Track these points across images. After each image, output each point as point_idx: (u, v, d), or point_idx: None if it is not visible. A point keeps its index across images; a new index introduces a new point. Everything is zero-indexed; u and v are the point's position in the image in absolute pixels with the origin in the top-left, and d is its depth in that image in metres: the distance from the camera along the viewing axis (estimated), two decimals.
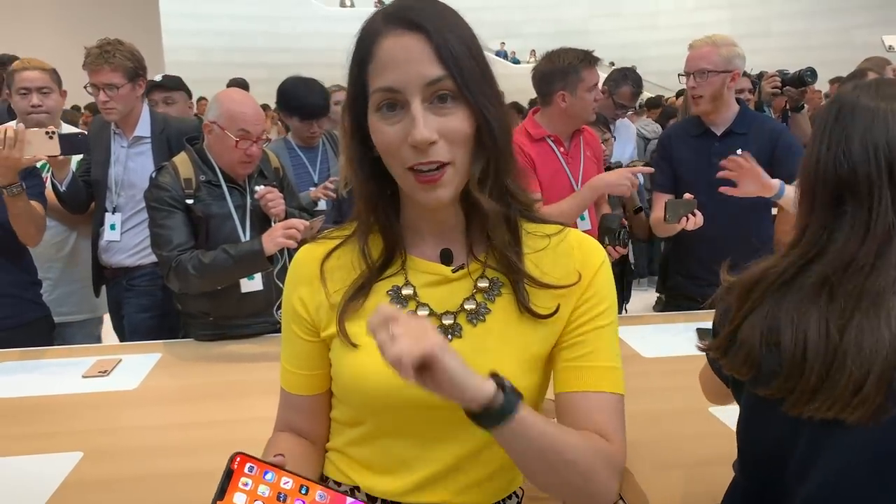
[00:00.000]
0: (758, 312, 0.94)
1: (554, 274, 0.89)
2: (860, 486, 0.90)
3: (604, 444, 0.84)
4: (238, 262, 2.00)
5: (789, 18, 17.90)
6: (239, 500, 0.70)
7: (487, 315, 0.87)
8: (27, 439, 1.62)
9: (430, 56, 0.78)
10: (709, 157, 2.38)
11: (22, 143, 2.01)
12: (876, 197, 0.89)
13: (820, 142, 0.96)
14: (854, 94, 0.95)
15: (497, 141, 0.82)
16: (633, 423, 1.62)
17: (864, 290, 0.86)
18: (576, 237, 0.93)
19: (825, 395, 0.86)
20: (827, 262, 0.91)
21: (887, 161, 0.89)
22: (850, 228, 0.90)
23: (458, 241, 0.90)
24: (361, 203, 0.88)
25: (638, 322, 2.41)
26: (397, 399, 0.84)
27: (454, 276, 0.89)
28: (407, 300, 0.88)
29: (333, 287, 0.90)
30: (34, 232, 2.25)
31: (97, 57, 2.48)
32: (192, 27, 16.99)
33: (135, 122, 2.61)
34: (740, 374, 0.97)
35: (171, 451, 1.57)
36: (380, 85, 0.79)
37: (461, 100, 0.79)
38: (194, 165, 2.14)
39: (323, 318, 0.91)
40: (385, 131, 0.80)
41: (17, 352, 2.16)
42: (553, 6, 20.27)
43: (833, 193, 0.93)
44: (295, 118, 2.86)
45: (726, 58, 2.37)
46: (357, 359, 0.87)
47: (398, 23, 0.79)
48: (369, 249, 0.90)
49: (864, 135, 0.91)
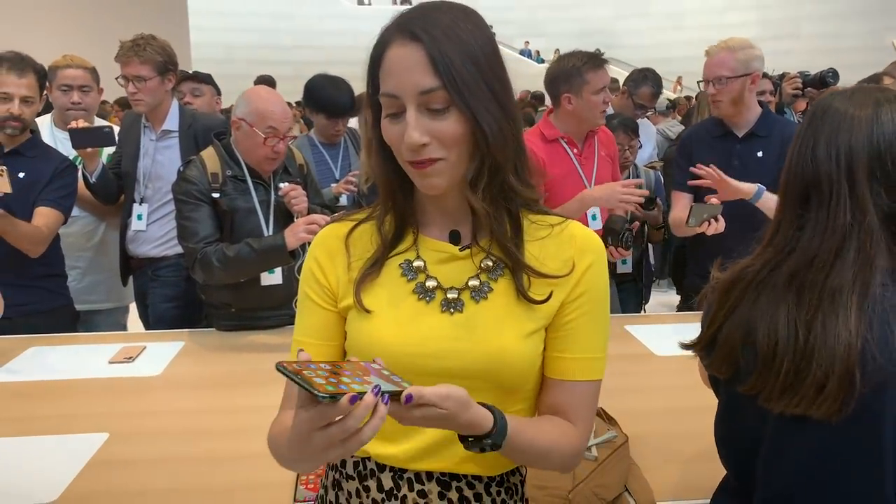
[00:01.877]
0: (737, 312, 0.98)
1: (551, 261, 0.94)
2: (823, 480, 0.93)
3: (569, 429, 0.94)
4: (261, 256, 2.06)
5: (819, 20, 17.64)
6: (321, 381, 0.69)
7: (490, 293, 0.93)
8: (56, 420, 1.69)
9: (425, 66, 0.83)
10: (730, 159, 2.39)
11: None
12: (835, 197, 0.93)
13: (795, 143, 1.00)
14: (829, 98, 0.99)
15: (491, 143, 0.86)
16: (643, 419, 1.66)
17: (825, 288, 0.90)
18: (577, 229, 0.98)
19: (793, 392, 0.90)
20: (795, 259, 0.95)
21: (847, 164, 0.93)
22: (814, 227, 0.94)
23: (465, 224, 0.96)
24: (381, 183, 0.96)
25: (654, 321, 2.42)
26: (403, 362, 0.89)
27: (461, 254, 0.95)
28: (417, 272, 0.95)
29: (354, 260, 0.97)
30: (29, 247, 2.27)
31: (128, 50, 2.56)
32: (219, 24, 17.22)
33: (164, 116, 2.68)
34: (720, 372, 1.01)
35: (192, 435, 1.63)
36: (384, 90, 0.87)
37: (455, 105, 0.84)
38: (221, 160, 2.20)
39: (342, 289, 0.97)
40: (389, 130, 0.88)
41: (47, 337, 2.24)
42: (578, 5, 20.20)
43: (801, 193, 0.97)
44: (322, 115, 2.91)
45: (744, 61, 2.36)
46: (367, 327, 0.93)
47: (402, 32, 0.85)
48: (385, 228, 0.97)
49: (830, 138, 0.95)
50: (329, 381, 0.70)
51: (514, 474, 1.02)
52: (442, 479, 0.95)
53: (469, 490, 0.96)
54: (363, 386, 0.71)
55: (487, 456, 0.92)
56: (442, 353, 0.90)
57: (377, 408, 0.70)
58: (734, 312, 0.98)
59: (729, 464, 1.10)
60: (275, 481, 1.37)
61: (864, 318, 0.88)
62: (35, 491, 1.35)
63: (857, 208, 0.92)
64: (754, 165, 2.36)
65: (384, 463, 0.97)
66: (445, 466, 0.95)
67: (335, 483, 1.02)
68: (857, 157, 0.93)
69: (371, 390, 0.70)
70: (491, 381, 0.91)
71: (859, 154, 0.93)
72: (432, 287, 0.93)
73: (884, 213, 0.92)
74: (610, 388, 1.78)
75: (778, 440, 0.96)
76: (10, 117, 2.30)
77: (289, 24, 18.50)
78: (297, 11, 18.79)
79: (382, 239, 0.96)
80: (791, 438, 0.95)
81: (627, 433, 1.50)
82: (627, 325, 2.35)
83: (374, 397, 0.70)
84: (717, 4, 18.99)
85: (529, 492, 1.20)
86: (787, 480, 0.96)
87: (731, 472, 1.10)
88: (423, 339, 0.91)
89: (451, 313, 0.92)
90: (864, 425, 0.89)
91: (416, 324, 0.92)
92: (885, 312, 0.89)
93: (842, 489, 0.93)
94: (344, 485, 1.01)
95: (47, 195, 2.33)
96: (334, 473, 1.03)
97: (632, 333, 2.27)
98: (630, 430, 1.52)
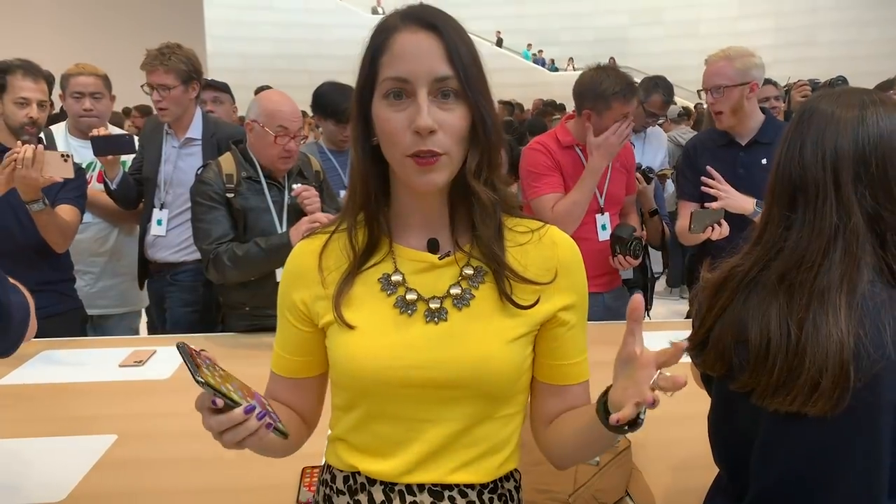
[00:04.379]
0: (729, 312, 0.98)
1: (534, 267, 0.94)
2: (818, 475, 0.94)
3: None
4: (269, 254, 2.11)
5: (836, 28, 17.52)
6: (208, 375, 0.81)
7: (472, 300, 0.93)
8: (66, 421, 1.71)
9: (441, 55, 0.85)
10: (734, 168, 2.37)
11: (40, 163, 2.11)
12: (821, 199, 0.94)
13: (782, 144, 1.00)
14: (817, 100, 1.00)
15: (490, 137, 0.89)
16: (646, 425, 1.64)
17: (815, 287, 0.91)
18: (557, 235, 0.98)
19: (787, 390, 0.90)
20: (783, 259, 0.95)
21: (833, 166, 0.94)
22: (801, 228, 0.95)
23: (443, 232, 0.95)
24: (360, 186, 0.94)
25: (659, 328, 2.41)
26: (386, 377, 0.90)
27: (441, 263, 0.94)
28: (396, 286, 0.94)
29: (330, 276, 0.96)
30: (60, 241, 2.35)
31: (153, 59, 2.60)
32: (235, 34, 17.39)
33: (187, 124, 2.72)
34: (713, 371, 1.01)
35: (199, 437, 1.61)
36: (391, 74, 0.86)
37: (462, 98, 0.86)
38: (237, 163, 2.26)
39: (320, 309, 0.96)
40: (390, 118, 0.86)
41: (58, 341, 2.27)
42: (592, 14, 20.19)
43: (789, 194, 0.97)
44: (330, 122, 2.94)
45: (742, 70, 2.33)
46: (350, 341, 0.92)
47: (415, 21, 0.87)
48: (357, 238, 0.96)
49: (816, 139, 0.95)
50: (216, 377, 0.80)
51: (507, 480, 1.01)
52: (434, 489, 0.95)
53: (462, 499, 0.95)
54: (241, 399, 0.81)
55: (479, 464, 0.94)
56: (426, 363, 0.90)
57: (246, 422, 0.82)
58: (725, 312, 0.99)
59: (722, 462, 1.10)
60: (278, 483, 1.39)
61: (854, 316, 0.88)
62: (43, 490, 1.37)
63: (842, 210, 0.92)
64: (759, 173, 2.34)
65: (374, 478, 0.96)
66: (436, 478, 0.94)
67: (326, 498, 1.02)
68: (842, 159, 0.93)
69: (244, 407, 0.81)
70: (477, 388, 0.91)
71: (845, 156, 0.93)
72: (413, 300, 0.92)
73: (868, 214, 0.93)
74: None
75: (772, 437, 0.96)
76: (29, 122, 2.35)
77: (304, 33, 18.65)
78: (312, 21, 18.95)
79: (355, 251, 0.95)
80: (785, 435, 0.95)
81: (631, 438, 1.50)
82: None
83: (244, 414, 0.81)
84: (732, 12, 18.91)
85: (530, 496, 1.20)
86: (781, 477, 0.96)
87: (724, 470, 1.10)
88: (406, 351, 0.90)
89: (436, 322, 0.91)
90: (859, 419, 0.89)
91: (398, 337, 0.91)
92: (875, 309, 0.89)
93: (837, 483, 0.93)
94: (335, 499, 1.00)
95: (66, 194, 2.38)
96: (325, 489, 1.03)
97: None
98: (633, 435, 1.51)
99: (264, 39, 18.08)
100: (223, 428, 0.82)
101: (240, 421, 0.81)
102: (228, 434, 0.82)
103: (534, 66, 19.23)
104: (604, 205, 2.52)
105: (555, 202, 2.38)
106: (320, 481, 1.06)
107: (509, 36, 19.74)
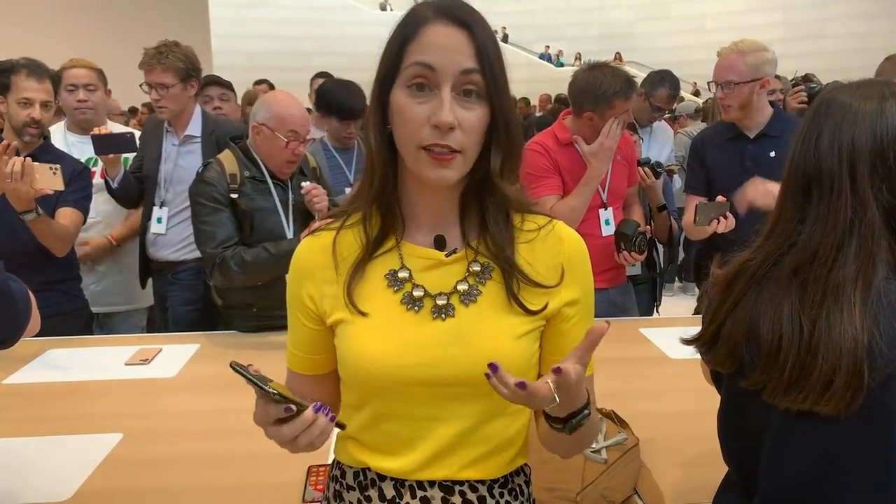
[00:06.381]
0: (740, 307, 0.96)
1: (541, 265, 0.94)
2: (829, 475, 0.92)
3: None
4: (279, 260, 2.08)
5: (845, 21, 17.37)
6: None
7: (479, 297, 0.92)
8: (72, 420, 1.71)
9: (470, 51, 0.85)
10: (742, 161, 2.36)
11: (30, 176, 2.09)
12: (836, 192, 0.91)
13: (799, 135, 0.98)
14: (834, 91, 0.97)
15: (511, 137, 0.89)
16: (655, 422, 1.64)
17: (828, 283, 0.89)
18: (563, 230, 0.98)
19: (799, 388, 0.88)
20: (796, 253, 0.93)
21: (849, 158, 0.91)
22: (815, 221, 0.93)
23: (452, 229, 0.95)
24: (377, 166, 0.92)
25: (668, 324, 2.40)
26: (395, 376, 0.90)
27: (448, 259, 0.93)
28: (403, 283, 0.93)
29: (344, 263, 0.95)
30: (59, 246, 2.34)
31: (151, 57, 2.59)
32: (241, 31, 17.37)
33: (186, 122, 2.71)
34: (724, 367, 1.00)
35: (205, 435, 1.64)
36: (418, 59, 0.85)
37: (484, 97, 0.86)
38: (239, 162, 2.22)
39: (327, 307, 0.95)
40: (411, 108, 0.85)
41: (65, 339, 2.27)
42: (599, 9, 20.10)
43: (803, 186, 0.95)
44: (334, 119, 2.93)
45: (754, 66, 2.31)
46: (359, 338, 0.92)
47: (447, 16, 0.87)
48: (371, 225, 0.95)
49: (833, 131, 0.93)
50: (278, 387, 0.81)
51: (517, 475, 1.01)
52: (444, 484, 0.95)
53: (472, 493, 0.96)
54: (304, 401, 0.82)
55: (488, 461, 0.93)
56: (436, 361, 0.90)
57: (317, 420, 0.82)
58: (736, 307, 0.97)
59: (731, 460, 1.08)
60: (284, 481, 1.38)
61: (868, 313, 0.86)
62: (49, 489, 1.37)
63: (858, 203, 0.90)
64: (768, 165, 2.33)
65: (385, 475, 0.96)
66: (446, 475, 0.94)
67: (336, 494, 1.02)
68: (859, 152, 0.91)
69: (313, 406, 0.82)
70: (487, 385, 0.89)
71: (862, 148, 0.91)
72: (420, 296, 0.92)
73: (885, 208, 0.91)
74: (623, 391, 1.79)
75: (783, 435, 0.94)
76: (31, 123, 2.35)
77: (310, 30, 18.62)
78: (319, 18, 18.93)
79: (368, 238, 0.94)
80: (796, 434, 0.93)
81: (639, 436, 1.49)
82: (642, 328, 2.33)
83: (314, 413, 0.82)
84: (739, 6, 18.78)
85: (538, 494, 1.19)
86: (791, 475, 0.94)
87: (734, 468, 1.08)
88: (414, 349, 0.90)
89: (444, 319, 0.91)
90: (872, 419, 0.87)
91: (406, 334, 0.91)
92: (890, 307, 0.87)
93: (848, 483, 0.91)
94: (345, 495, 1.00)
95: (67, 196, 2.37)
96: (335, 485, 1.03)
97: (646, 336, 2.25)
98: (642, 433, 1.51)
99: (270, 37, 18.06)
100: (298, 432, 0.82)
101: (312, 421, 0.82)
102: (303, 437, 0.82)
103: (540, 62, 19.19)
104: (607, 200, 2.51)
105: (552, 204, 2.38)
106: (330, 477, 1.06)
107: (517, 32, 19.69)
